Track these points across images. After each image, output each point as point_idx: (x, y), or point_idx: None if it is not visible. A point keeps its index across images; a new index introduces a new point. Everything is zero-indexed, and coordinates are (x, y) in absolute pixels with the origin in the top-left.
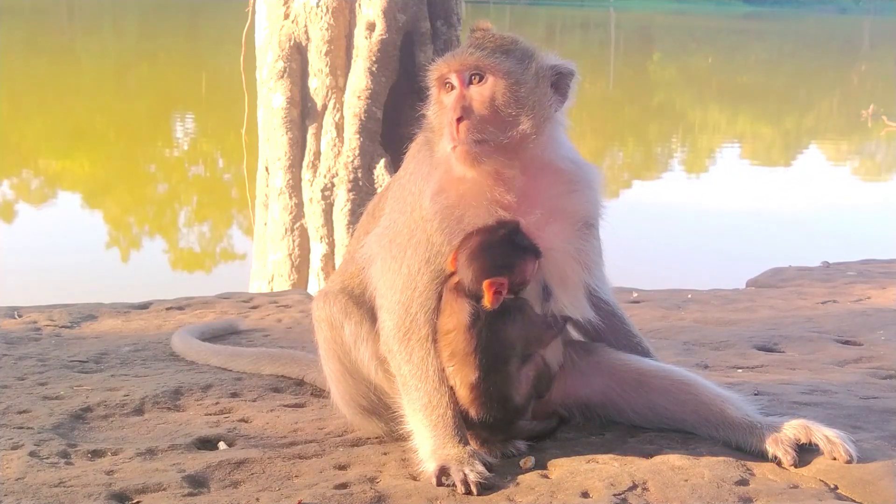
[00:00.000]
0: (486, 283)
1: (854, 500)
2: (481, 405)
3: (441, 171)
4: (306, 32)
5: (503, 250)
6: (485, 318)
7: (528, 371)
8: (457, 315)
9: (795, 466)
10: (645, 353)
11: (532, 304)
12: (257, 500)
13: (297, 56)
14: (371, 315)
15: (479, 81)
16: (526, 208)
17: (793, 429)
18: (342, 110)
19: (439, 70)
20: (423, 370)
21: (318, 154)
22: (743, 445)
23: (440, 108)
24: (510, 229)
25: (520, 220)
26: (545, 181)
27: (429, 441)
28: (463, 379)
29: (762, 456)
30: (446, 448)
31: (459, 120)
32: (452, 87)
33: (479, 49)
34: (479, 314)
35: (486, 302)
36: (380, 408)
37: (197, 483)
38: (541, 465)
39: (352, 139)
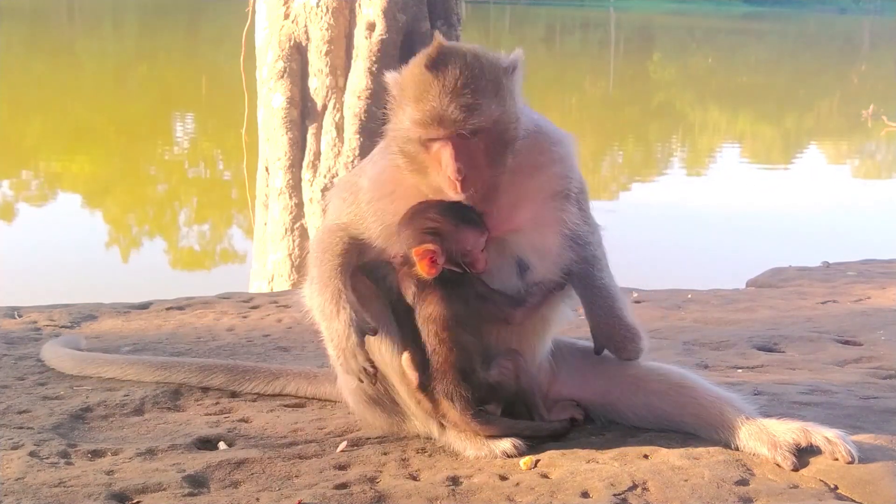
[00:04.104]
0: (415, 251)
1: (854, 500)
2: (438, 381)
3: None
4: (306, 32)
5: (433, 217)
6: (424, 293)
7: (504, 362)
8: (403, 294)
9: (795, 470)
10: (607, 309)
11: (505, 278)
12: (257, 500)
13: (297, 56)
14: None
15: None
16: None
17: (792, 433)
18: (342, 110)
19: (426, 133)
20: None
21: (318, 154)
22: (742, 448)
23: (425, 152)
24: (447, 200)
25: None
26: None
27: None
28: (414, 359)
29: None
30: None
31: (460, 179)
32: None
33: (461, 108)
34: (420, 291)
35: (421, 271)
36: (385, 399)
37: (197, 483)
38: (541, 465)
39: (352, 139)
